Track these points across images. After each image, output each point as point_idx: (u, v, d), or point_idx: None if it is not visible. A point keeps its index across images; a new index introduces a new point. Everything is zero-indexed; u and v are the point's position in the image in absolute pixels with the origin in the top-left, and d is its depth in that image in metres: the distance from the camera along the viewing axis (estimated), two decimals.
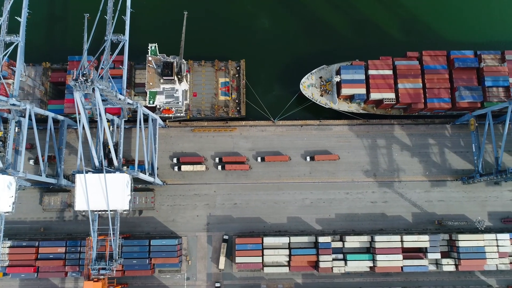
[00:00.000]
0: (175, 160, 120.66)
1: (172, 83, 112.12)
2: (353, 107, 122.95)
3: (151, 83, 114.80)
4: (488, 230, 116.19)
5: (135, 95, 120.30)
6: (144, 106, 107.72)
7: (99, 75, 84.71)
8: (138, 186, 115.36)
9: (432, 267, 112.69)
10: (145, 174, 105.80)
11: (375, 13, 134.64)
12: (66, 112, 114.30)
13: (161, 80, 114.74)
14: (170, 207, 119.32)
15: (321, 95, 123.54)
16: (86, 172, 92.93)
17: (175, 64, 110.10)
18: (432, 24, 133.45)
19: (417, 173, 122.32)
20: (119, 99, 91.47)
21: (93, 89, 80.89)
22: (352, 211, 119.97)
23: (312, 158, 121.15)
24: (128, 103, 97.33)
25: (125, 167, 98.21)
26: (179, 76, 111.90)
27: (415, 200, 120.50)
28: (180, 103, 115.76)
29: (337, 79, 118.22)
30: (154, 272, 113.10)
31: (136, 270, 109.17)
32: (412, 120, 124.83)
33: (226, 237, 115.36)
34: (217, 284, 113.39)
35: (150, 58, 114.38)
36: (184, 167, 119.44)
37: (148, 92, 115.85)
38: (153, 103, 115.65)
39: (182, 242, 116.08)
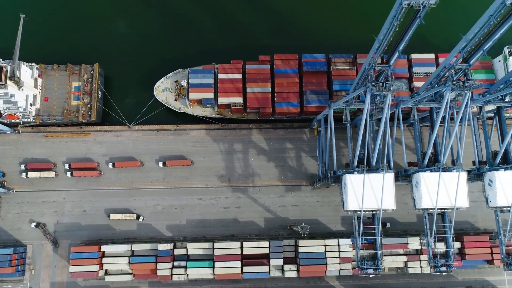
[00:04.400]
0: (23, 167, 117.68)
1: (5, 88, 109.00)
2: (207, 112, 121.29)
3: None
4: (340, 235, 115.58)
5: None
6: None
7: None
8: None
9: (278, 273, 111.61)
10: None
11: (241, 15, 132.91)
12: None
13: None
14: (16, 214, 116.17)
15: (176, 100, 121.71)
16: None
17: (4, 69, 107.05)
18: (287, 28, 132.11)
19: (272, 178, 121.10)
20: None
21: None
22: (204, 217, 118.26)
23: (164, 164, 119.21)
24: None
25: None
26: (14, 81, 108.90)
27: (268, 205, 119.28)
28: (21, 108, 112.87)
29: (184, 83, 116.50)
30: None
31: None
32: (271, 124, 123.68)
33: None
34: None
35: None
36: (31, 174, 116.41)
37: None
38: None
39: (24, 251, 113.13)
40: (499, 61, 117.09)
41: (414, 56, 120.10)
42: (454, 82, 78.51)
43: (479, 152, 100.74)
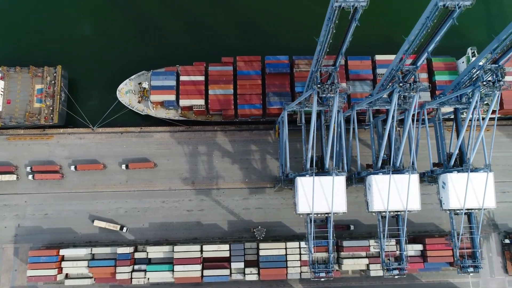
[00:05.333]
0: None
1: None
2: (171, 114, 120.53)
3: None
4: (303, 238, 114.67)
5: None
6: None
7: None
8: None
9: (240, 277, 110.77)
10: None
11: (206, 17, 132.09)
12: None
13: None
14: None
15: (139, 102, 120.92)
16: None
17: None
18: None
19: (236, 180, 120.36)
20: None
21: None
22: (167, 220, 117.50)
23: (127, 166, 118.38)
24: None
25: None
26: None
27: (232, 208, 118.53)
28: None
29: (145, 85, 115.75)
30: None
31: None
32: (236, 126, 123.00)
33: None
34: None
35: None
36: None
37: None
38: None
39: None
40: (463, 62, 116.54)
41: (378, 57, 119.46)
42: (401, 84, 77.95)
43: (442, 154, 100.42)
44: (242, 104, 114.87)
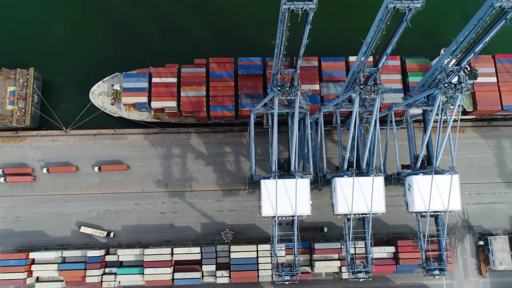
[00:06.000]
0: None
1: None
2: (144, 116, 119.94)
3: None
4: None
5: None
6: None
7: None
8: None
9: (212, 279, 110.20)
10: None
11: (180, 19, 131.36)
12: None
13: None
14: None
15: (112, 104, 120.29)
16: None
17: None
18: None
19: (210, 182, 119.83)
20: None
21: None
22: (140, 223, 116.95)
23: (100, 169, 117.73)
24: None
25: None
26: None
27: (205, 210, 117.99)
28: None
29: (117, 87, 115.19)
30: None
31: None
32: (210, 128, 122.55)
33: None
34: None
35: None
36: None
37: None
38: None
39: None
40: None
41: (352, 59, 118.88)
42: (362, 87, 77.48)
43: (410, 156, 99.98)
44: (214, 106, 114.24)
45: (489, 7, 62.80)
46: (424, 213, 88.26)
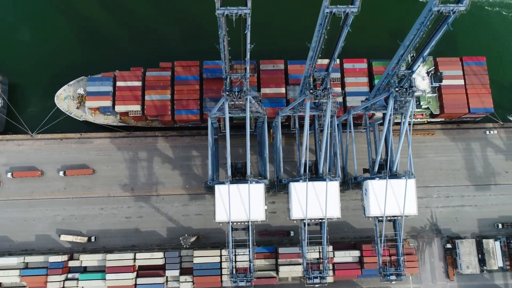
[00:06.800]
0: None
1: None
2: (109, 119, 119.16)
3: None
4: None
5: None
6: None
7: None
8: None
9: (176, 284, 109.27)
10: None
11: (147, 21, 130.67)
12: None
13: None
14: None
15: (78, 108, 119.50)
16: None
17: None
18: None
19: (176, 186, 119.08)
20: None
21: None
22: (105, 227, 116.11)
23: (65, 173, 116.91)
24: None
25: None
26: None
27: (172, 215, 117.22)
28: None
29: (81, 91, 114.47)
30: None
31: None
32: (177, 132, 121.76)
33: None
34: None
35: None
36: None
37: None
38: None
39: None
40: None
41: (319, 62, 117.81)
42: (311, 91, 76.87)
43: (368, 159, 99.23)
44: (179, 110, 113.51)
45: (428, 12, 62.33)
46: (380, 218, 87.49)
